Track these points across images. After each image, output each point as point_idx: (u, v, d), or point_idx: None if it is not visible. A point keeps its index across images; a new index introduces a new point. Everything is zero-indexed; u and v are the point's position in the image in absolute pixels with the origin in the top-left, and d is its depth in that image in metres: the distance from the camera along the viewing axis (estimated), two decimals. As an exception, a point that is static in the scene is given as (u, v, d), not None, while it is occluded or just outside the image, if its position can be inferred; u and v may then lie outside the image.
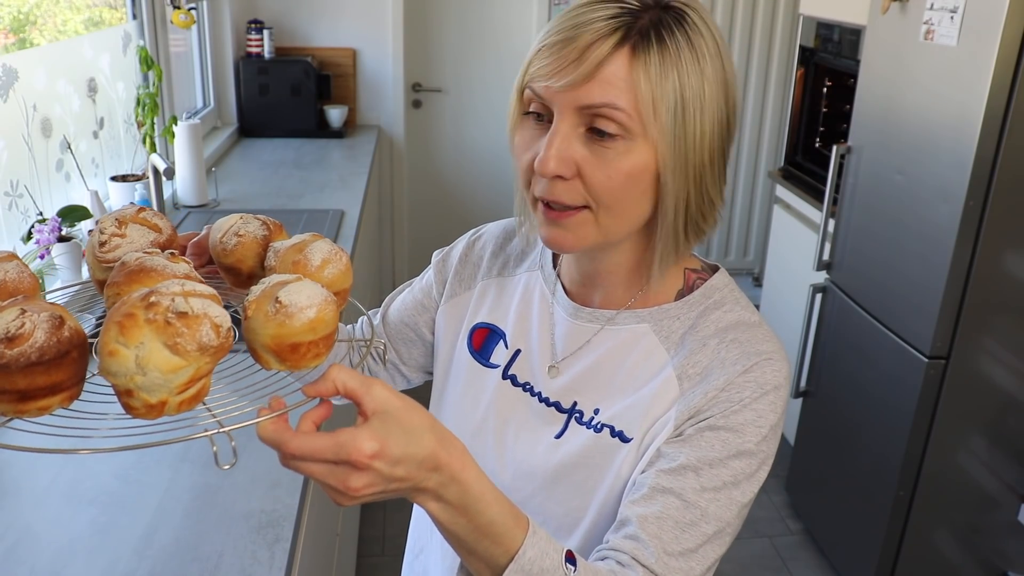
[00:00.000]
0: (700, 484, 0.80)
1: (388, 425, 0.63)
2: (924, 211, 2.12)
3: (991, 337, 2.08)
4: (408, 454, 0.63)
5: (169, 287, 0.60)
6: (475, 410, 0.96)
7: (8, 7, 1.87)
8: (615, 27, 0.76)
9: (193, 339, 0.58)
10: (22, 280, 0.69)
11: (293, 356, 0.66)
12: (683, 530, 0.79)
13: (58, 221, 1.79)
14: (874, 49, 2.39)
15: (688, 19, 0.78)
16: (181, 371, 0.58)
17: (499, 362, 0.96)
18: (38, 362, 0.57)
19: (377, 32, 3.89)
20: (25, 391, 0.58)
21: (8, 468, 1.29)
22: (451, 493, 0.67)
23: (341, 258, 0.76)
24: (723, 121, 0.80)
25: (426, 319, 1.06)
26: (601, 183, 0.78)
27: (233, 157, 3.37)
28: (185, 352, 0.58)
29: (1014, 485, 2.18)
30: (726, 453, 0.80)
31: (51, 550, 1.11)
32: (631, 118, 0.76)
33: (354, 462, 0.61)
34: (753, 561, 2.67)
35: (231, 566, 1.10)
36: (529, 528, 0.71)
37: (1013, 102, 1.87)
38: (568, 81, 0.76)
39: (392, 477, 0.63)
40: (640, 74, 0.75)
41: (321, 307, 0.66)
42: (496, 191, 4.43)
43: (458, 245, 1.07)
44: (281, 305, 0.64)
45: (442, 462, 0.66)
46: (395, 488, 0.65)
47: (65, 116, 2.12)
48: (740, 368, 0.82)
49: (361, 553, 2.60)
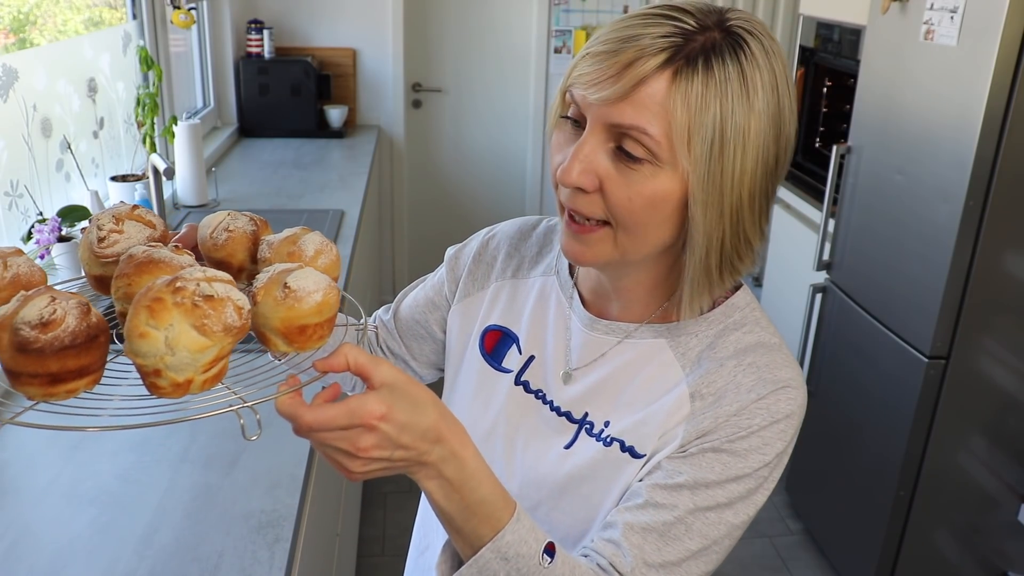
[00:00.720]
0: (694, 503, 0.80)
1: (395, 394, 0.67)
2: (924, 211, 2.12)
3: (991, 337, 2.08)
4: (413, 422, 0.67)
5: (192, 273, 0.64)
6: (485, 414, 0.96)
7: (8, 7, 1.87)
8: (663, 47, 0.72)
9: (219, 320, 0.62)
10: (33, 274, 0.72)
11: (300, 338, 0.70)
12: (667, 543, 0.79)
13: (58, 221, 1.80)
14: (874, 49, 2.39)
15: (747, 47, 0.73)
16: (207, 351, 0.62)
17: (512, 367, 0.95)
18: (71, 346, 0.60)
19: (377, 32, 3.90)
20: (56, 374, 0.61)
21: (8, 468, 1.29)
22: (450, 469, 0.69)
23: (331, 249, 0.79)
24: (769, 160, 0.76)
25: (437, 317, 1.05)
26: (621, 202, 0.76)
27: (233, 157, 3.37)
28: (211, 332, 0.62)
29: (1014, 485, 2.18)
30: (724, 476, 0.80)
31: (51, 550, 1.11)
32: (660, 145, 0.73)
33: (364, 423, 0.65)
34: (753, 561, 2.67)
35: (231, 566, 1.10)
36: (515, 514, 0.73)
37: (1013, 102, 1.87)
38: (603, 96, 0.73)
39: (398, 443, 0.66)
40: (678, 100, 0.72)
41: (326, 291, 0.70)
42: (496, 191, 4.44)
43: (471, 243, 1.06)
44: (290, 290, 0.68)
45: (443, 435, 0.69)
46: (400, 458, 0.67)
47: (65, 116, 2.12)
48: (755, 396, 0.81)
49: (361, 553, 2.60)
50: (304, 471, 1.31)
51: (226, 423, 1.42)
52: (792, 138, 0.79)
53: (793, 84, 0.79)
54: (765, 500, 0.84)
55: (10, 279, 0.70)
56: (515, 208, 4.43)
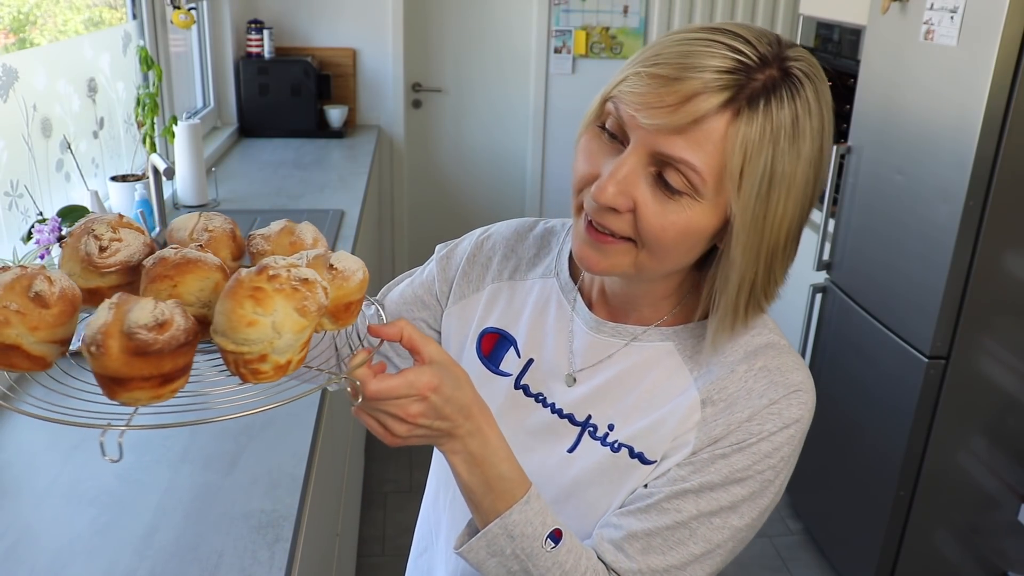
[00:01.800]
0: (698, 509, 0.81)
1: (443, 370, 0.74)
2: (924, 211, 2.12)
3: (991, 337, 2.08)
4: (455, 396, 0.74)
5: (277, 262, 0.67)
6: None
7: (8, 7, 1.87)
8: (726, 84, 0.70)
9: (315, 300, 0.66)
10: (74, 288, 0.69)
11: (345, 314, 0.74)
12: (671, 548, 0.81)
13: (58, 221, 1.79)
14: (874, 49, 2.39)
15: (803, 93, 0.73)
16: (305, 331, 0.67)
17: (510, 370, 0.94)
18: (185, 343, 0.63)
19: (377, 32, 3.90)
20: (169, 374, 0.63)
21: (8, 468, 1.29)
22: (475, 443, 0.76)
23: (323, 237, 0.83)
24: (807, 203, 0.77)
25: (425, 316, 1.02)
26: (653, 229, 0.75)
27: (233, 157, 3.37)
28: (309, 313, 0.66)
29: (1014, 485, 2.18)
30: (728, 479, 0.81)
31: (51, 550, 1.11)
32: (705, 183, 0.72)
33: (420, 393, 0.72)
34: (753, 561, 2.67)
35: (231, 566, 1.10)
36: (526, 495, 0.78)
37: (1013, 102, 1.87)
38: (657, 124, 0.71)
39: (441, 413, 0.73)
40: (736, 142, 0.71)
41: (364, 269, 0.75)
42: (496, 191, 4.43)
43: (463, 243, 1.03)
44: (337, 271, 0.72)
45: (474, 412, 0.76)
46: (439, 428, 0.74)
47: (65, 116, 2.11)
48: (767, 400, 0.81)
49: (361, 553, 2.60)
50: (304, 471, 1.31)
51: (227, 423, 1.42)
52: (826, 181, 0.81)
53: (832, 129, 0.78)
54: (772, 504, 0.83)
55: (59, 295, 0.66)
56: (515, 208, 4.43)
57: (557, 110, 4.23)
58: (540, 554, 0.78)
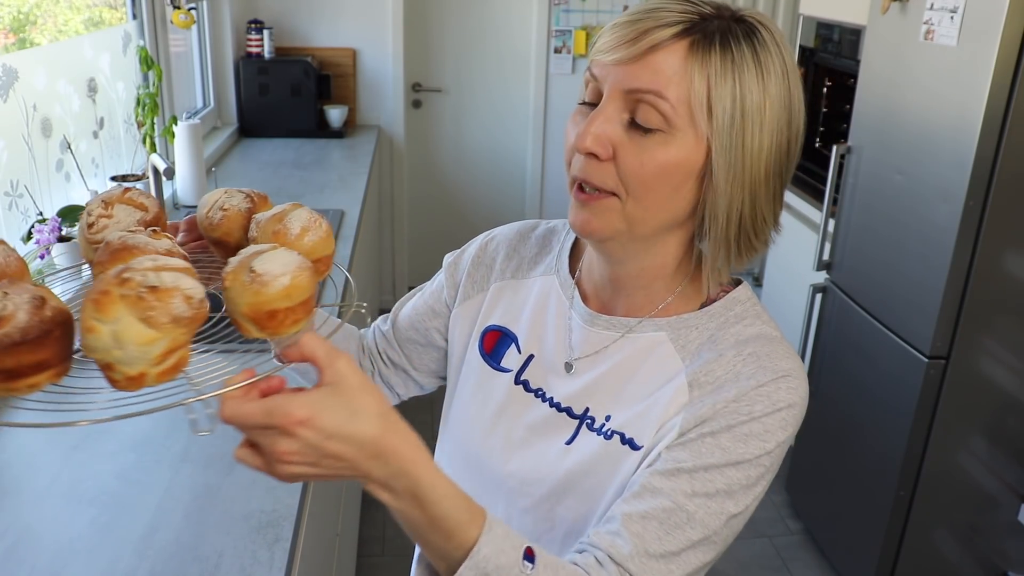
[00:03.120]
0: (692, 488, 0.79)
1: (331, 398, 0.62)
2: (924, 211, 2.12)
3: (991, 337, 2.08)
4: (344, 432, 0.62)
5: (141, 263, 0.62)
6: (484, 413, 0.96)
7: (8, 7, 1.87)
8: (680, 20, 0.76)
9: (165, 311, 0.60)
10: (8, 264, 0.69)
11: (271, 323, 0.68)
12: (667, 532, 0.78)
13: (58, 221, 1.79)
14: (874, 49, 2.39)
15: (758, 35, 0.78)
16: (156, 343, 0.60)
17: (511, 366, 0.95)
18: (22, 342, 0.59)
19: (377, 32, 3.90)
20: (13, 370, 0.60)
21: (8, 468, 1.29)
22: (401, 485, 0.66)
23: (321, 225, 0.76)
24: (783, 143, 0.80)
25: (437, 324, 1.05)
26: (633, 169, 0.78)
27: (233, 157, 3.37)
28: (159, 324, 0.59)
29: (1014, 485, 2.18)
30: (724, 461, 0.79)
31: (51, 550, 1.11)
32: (675, 111, 0.76)
33: (281, 426, 0.61)
34: (753, 561, 2.67)
35: (231, 566, 1.10)
36: (485, 524, 0.70)
37: (1013, 102, 1.87)
38: (618, 57, 0.77)
39: (325, 451, 0.62)
40: (695, 68, 0.75)
41: (295, 274, 0.67)
42: (496, 191, 4.43)
43: (470, 248, 1.06)
44: (256, 274, 0.66)
45: (387, 451, 0.64)
46: (332, 466, 0.63)
47: (65, 116, 2.11)
48: (755, 383, 0.81)
49: (361, 553, 2.59)
50: (304, 471, 1.31)
51: (226, 423, 1.42)
52: (801, 129, 0.82)
53: (800, 78, 0.82)
54: (764, 492, 0.83)
55: None
56: (515, 208, 4.43)
57: (557, 110, 4.23)
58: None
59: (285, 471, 0.63)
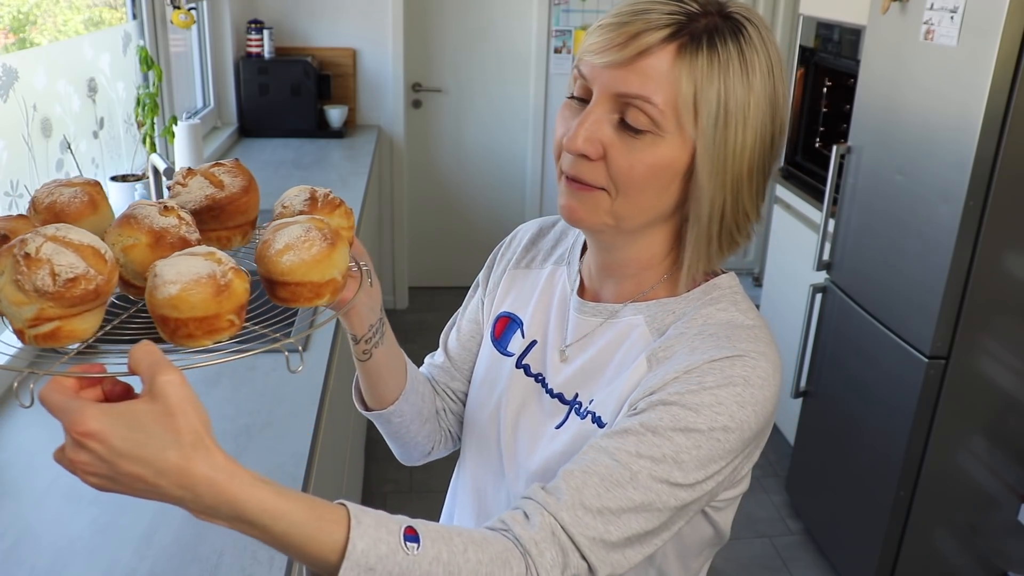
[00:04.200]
0: (638, 449, 0.75)
1: (129, 417, 0.59)
2: (924, 211, 2.12)
3: (991, 337, 2.08)
4: (137, 455, 0.58)
5: (46, 230, 0.64)
6: (490, 397, 0.99)
7: (8, 7, 1.87)
8: (668, 23, 0.77)
9: (29, 280, 0.62)
10: (70, 205, 0.74)
11: (164, 329, 0.66)
12: (607, 488, 0.73)
13: (58, 221, 1.79)
14: (874, 49, 2.39)
15: (745, 32, 0.79)
16: (24, 307, 0.62)
17: (515, 351, 0.99)
18: None
19: (377, 32, 3.89)
20: None
21: (8, 468, 1.29)
22: (224, 512, 0.61)
23: (310, 248, 0.71)
24: (766, 138, 0.81)
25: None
26: (623, 169, 0.79)
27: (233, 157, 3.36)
28: (24, 290, 0.62)
29: (1014, 485, 2.18)
30: (673, 426, 0.76)
31: (51, 550, 1.11)
32: (663, 115, 0.77)
33: (69, 431, 0.58)
34: (753, 561, 2.67)
35: (231, 566, 1.10)
36: (352, 520, 0.66)
37: (1013, 102, 1.87)
38: (608, 61, 0.78)
39: (119, 469, 0.58)
40: (683, 72, 0.76)
41: (186, 287, 0.64)
42: (496, 191, 4.43)
43: (497, 250, 1.10)
44: (155, 275, 0.66)
45: (196, 479, 0.59)
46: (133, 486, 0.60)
47: (65, 116, 2.11)
48: (708, 357, 0.79)
49: (361, 553, 2.59)
50: (304, 471, 1.31)
51: (227, 424, 1.42)
52: (785, 123, 0.83)
53: (786, 72, 0.83)
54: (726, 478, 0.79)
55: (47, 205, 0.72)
56: (515, 208, 4.43)
57: (557, 110, 4.22)
58: (409, 563, 0.66)
59: (84, 479, 0.60)
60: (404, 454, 1.10)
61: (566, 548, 0.71)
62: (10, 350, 0.74)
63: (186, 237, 0.72)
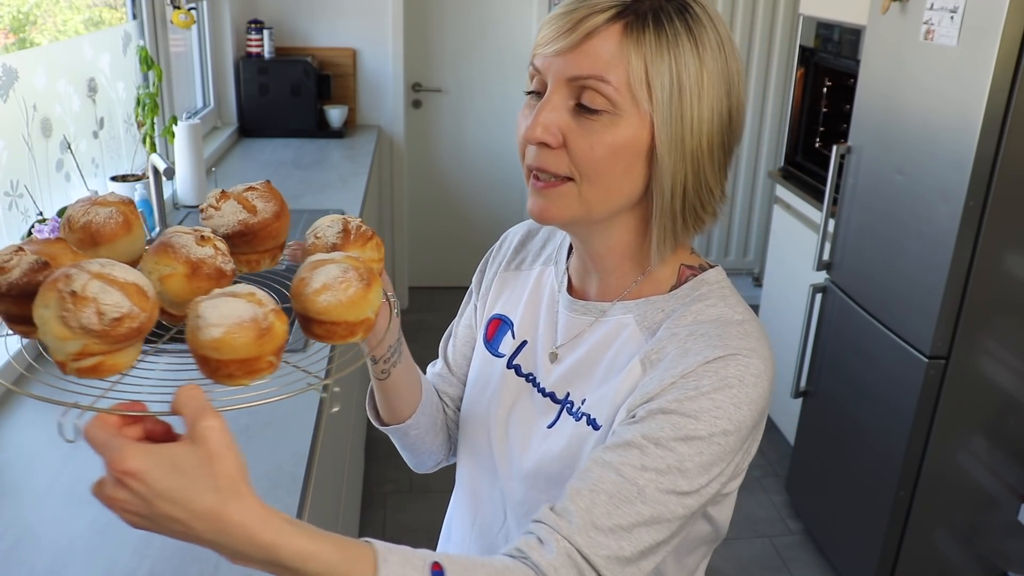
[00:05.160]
0: (643, 463, 0.76)
1: (169, 459, 0.60)
2: (924, 211, 2.12)
3: (991, 337, 2.08)
4: (175, 497, 0.59)
5: (89, 266, 0.64)
6: (482, 399, 0.99)
7: (8, 7, 1.87)
8: (612, 4, 0.78)
9: (75, 317, 0.62)
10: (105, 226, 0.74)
11: (205, 368, 0.67)
12: (616, 506, 0.75)
13: (58, 221, 1.79)
14: (874, 49, 2.39)
15: (691, 11, 0.79)
16: (69, 342, 0.63)
17: (505, 351, 0.99)
18: (6, 294, 0.67)
19: (377, 32, 3.89)
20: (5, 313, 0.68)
21: (8, 468, 1.29)
22: (258, 556, 0.63)
23: (347, 288, 0.71)
24: (724, 113, 0.81)
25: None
26: (584, 153, 0.80)
27: (233, 157, 3.37)
28: (70, 327, 0.62)
29: (1014, 485, 2.18)
30: (675, 435, 0.77)
31: (51, 550, 1.11)
32: (619, 92, 0.78)
33: (110, 468, 0.59)
34: (753, 561, 2.67)
35: (231, 566, 1.09)
36: (378, 560, 0.67)
37: (1013, 102, 1.87)
38: (557, 48, 0.79)
39: (157, 511, 0.59)
40: (631, 50, 0.77)
41: (231, 329, 0.65)
42: (496, 191, 4.43)
43: (488, 255, 1.10)
44: (198, 316, 0.66)
45: (231, 524, 0.61)
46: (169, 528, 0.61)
47: (65, 116, 2.11)
48: (701, 359, 0.79)
49: (361, 553, 2.59)
50: (304, 471, 1.31)
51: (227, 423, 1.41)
52: (742, 100, 0.83)
53: (737, 51, 0.83)
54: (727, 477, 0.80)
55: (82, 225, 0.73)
56: (515, 208, 4.43)
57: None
58: None
59: (121, 516, 0.61)
60: (418, 463, 1.12)
61: (583, 570, 0.73)
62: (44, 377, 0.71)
63: (222, 268, 0.72)
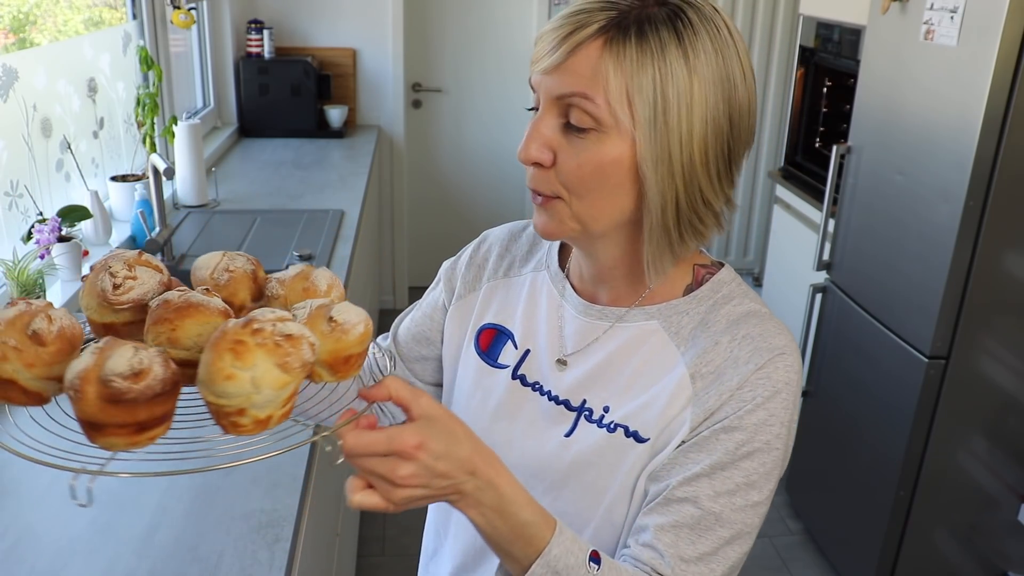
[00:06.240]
0: (714, 490, 0.81)
1: (431, 426, 0.71)
2: (924, 211, 2.12)
3: (991, 337, 2.08)
4: (449, 452, 0.71)
5: (264, 315, 0.67)
6: (483, 411, 0.96)
7: (8, 7, 1.87)
8: (598, 19, 0.76)
9: (298, 357, 0.65)
10: (75, 326, 0.71)
11: (345, 367, 0.74)
12: (699, 536, 0.80)
13: (58, 221, 1.79)
14: (874, 49, 2.39)
15: (684, 16, 0.76)
16: (287, 387, 0.66)
17: (508, 363, 0.96)
18: (161, 393, 0.63)
19: (377, 32, 3.90)
20: (145, 422, 0.64)
21: (8, 468, 1.29)
22: (488, 497, 0.73)
23: (339, 284, 0.83)
24: (720, 122, 0.78)
25: (437, 332, 1.05)
26: (571, 170, 0.79)
27: (233, 157, 3.37)
28: (292, 369, 0.65)
29: (1014, 485, 2.18)
30: (738, 456, 0.81)
31: (51, 550, 1.11)
32: (601, 109, 0.76)
33: (400, 451, 0.69)
34: (753, 561, 2.67)
35: (231, 566, 1.10)
36: (556, 528, 0.76)
37: (1013, 102, 1.87)
38: (545, 66, 0.78)
39: (435, 471, 0.70)
40: (609, 65, 0.75)
41: (367, 322, 0.74)
42: (496, 191, 4.43)
43: (464, 252, 1.07)
44: (336, 323, 0.72)
45: (478, 467, 0.72)
46: (439, 487, 0.71)
47: (65, 116, 2.12)
48: (753, 366, 0.82)
49: (361, 553, 2.59)
50: (304, 471, 1.31)
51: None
52: (747, 102, 0.80)
53: (745, 50, 0.80)
54: (781, 473, 0.85)
55: (57, 333, 0.69)
56: (515, 208, 4.43)
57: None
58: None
59: (401, 495, 0.71)
60: None
61: None
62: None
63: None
